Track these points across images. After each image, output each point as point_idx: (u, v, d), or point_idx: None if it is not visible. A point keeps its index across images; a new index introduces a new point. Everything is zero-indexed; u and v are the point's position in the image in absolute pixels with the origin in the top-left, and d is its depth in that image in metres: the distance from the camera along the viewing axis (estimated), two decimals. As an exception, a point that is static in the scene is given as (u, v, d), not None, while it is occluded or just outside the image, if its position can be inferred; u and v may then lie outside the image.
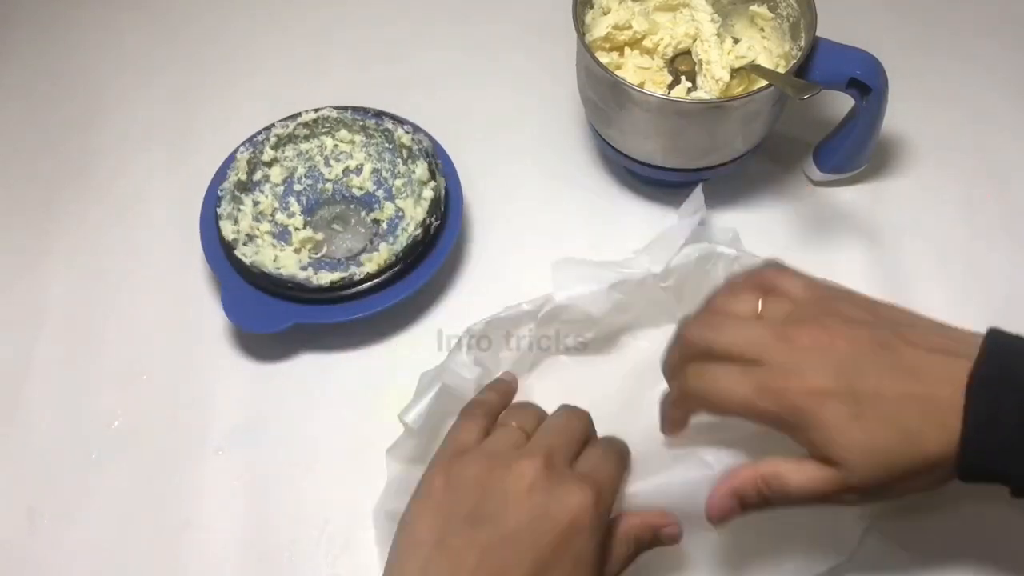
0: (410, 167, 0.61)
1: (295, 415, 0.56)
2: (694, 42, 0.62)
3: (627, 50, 0.62)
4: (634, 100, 0.56)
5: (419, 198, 0.59)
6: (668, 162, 0.59)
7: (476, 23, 0.75)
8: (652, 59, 0.62)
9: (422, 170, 0.60)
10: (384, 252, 0.57)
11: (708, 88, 0.60)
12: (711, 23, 0.61)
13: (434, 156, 0.61)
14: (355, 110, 0.63)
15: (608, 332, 0.55)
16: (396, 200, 0.62)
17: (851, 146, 0.60)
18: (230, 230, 0.58)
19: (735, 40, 0.62)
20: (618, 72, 0.60)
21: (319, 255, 0.61)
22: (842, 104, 0.60)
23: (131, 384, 0.58)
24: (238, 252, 0.57)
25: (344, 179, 0.63)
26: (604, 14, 0.61)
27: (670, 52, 0.62)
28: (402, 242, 0.58)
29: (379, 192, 0.63)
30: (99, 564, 0.51)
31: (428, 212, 0.58)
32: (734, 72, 0.60)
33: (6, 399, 0.57)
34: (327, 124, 0.63)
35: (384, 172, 0.63)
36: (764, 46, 0.61)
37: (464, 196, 0.61)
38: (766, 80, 0.55)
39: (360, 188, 0.63)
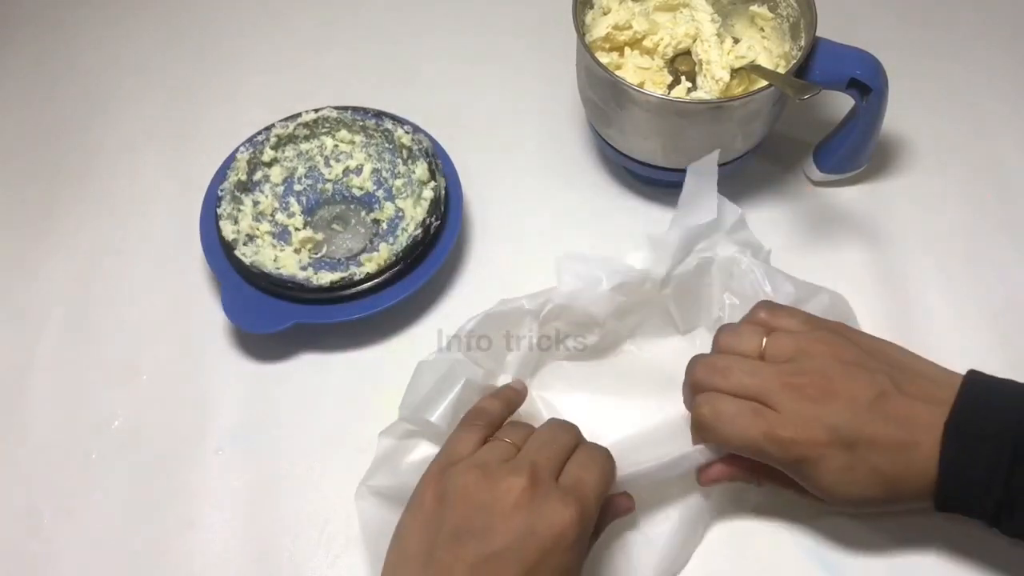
0: (410, 167, 0.61)
1: (295, 415, 0.56)
2: (694, 42, 0.62)
3: (627, 50, 0.62)
4: (634, 100, 0.56)
5: (419, 198, 0.59)
6: (668, 162, 0.59)
7: (476, 23, 0.75)
8: (652, 59, 0.62)
9: (422, 170, 0.60)
10: (384, 252, 0.57)
11: (708, 88, 0.60)
12: (711, 23, 0.61)
13: (434, 156, 0.61)
14: (355, 110, 0.63)
15: (609, 337, 0.55)
16: (396, 200, 0.62)
17: (851, 146, 0.60)
18: (230, 230, 0.58)
19: (735, 40, 0.62)
20: (618, 72, 0.60)
21: (319, 255, 0.61)
22: (842, 104, 0.60)
23: (131, 384, 0.58)
24: (238, 252, 0.57)
25: (344, 179, 0.63)
26: (604, 14, 0.61)
27: (670, 52, 0.62)
28: (402, 242, 0.58)
29: (379, 192, 0.63)
30: (99, 564, 0.51)
31: (428, 212, 0.58)
32: (734, 72, 0.60)
33: (6, 399, 0.57)
34: (327, 124, 0.63)
35: (384, 172, 0.63)
36: (764, 46, 0.61)
37: (464, 196, 0.61)
38: (766, 80, 0.55)
39: (360, 188, 0.63)
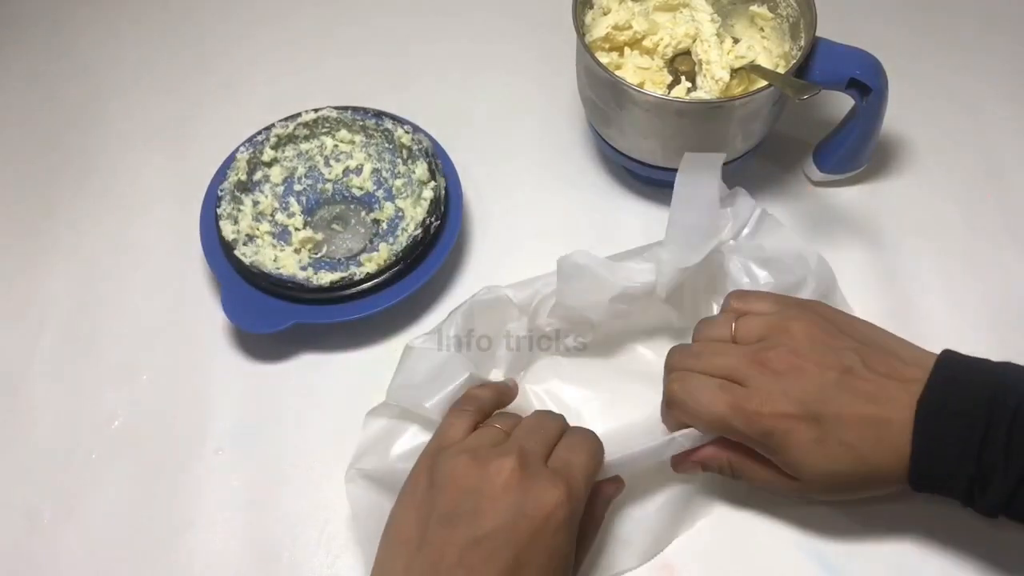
0: (410, 167, 0.61)
1: (295, 415, 0.56)
2: (694, 42, 0.62)
3: (627, 50, 0.62)
4: (634, 100, 0.56)
5: (419, 198, 0.59)
6: (668, 162, 0.59)
7: (476, 24, 0.75)
8: (652, 59, 0.62)
9: (422, 170, 0.60)
10: (384, 252, 0.57)
11: (708, 88, 0.60)
12: (711, 23, 0.61)
13: (434, 156, 0.61)
14: (355, 110, 0.63)
15: (605, 335, 0.55)
16: (396, 200, 0.62)
17: (851, 146, 0.60)
18: (230, 230, 0.58)
19: (735, 40, 0.62)
20: (618, 72, 0.60)
21: (319, 255, 0.61)
22: (842, 104, 0.60)
23: (131, 384, 0.58)
24: (238, 252, 0.57)
25: (344, 179, 0.63)
26: (604, 14, 0.61)
27: (670, 52, 0.62)
28: (402, 242, 0.58)
29: (379, 192, 0.63)
30: (99, 564, 0.51)
31: (428, 212, 0.58)
32: (734, 72, 0.59)
33: (6, 399, 0.57)
34: (327, 124, 0.63)
35: (384, 172, 0.63)
36: (764, 46, 0.61)
37: (464, 196, 0.61)
38: (765, 80, 0.55)
39: (360, 188, 0.63)
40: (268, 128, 0.62)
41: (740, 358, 0.45)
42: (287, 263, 0.58)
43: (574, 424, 0.47)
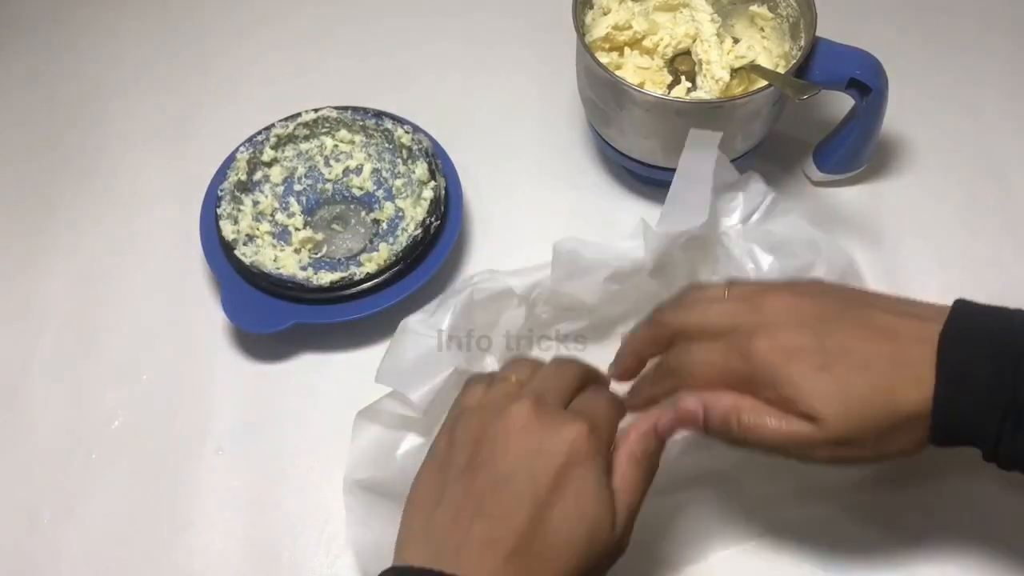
0: (410, 167, 0.61)
1: (295, 415, 0.56)
2: (694, 42, 0.62)
3: (627, 50, 0.62)
4: (634, 100, 0.56)
5: (419, 198, 0.59)
6: (668, 162, 0.59)
7: (476, 23, 0.75)
8: (652, 59, 0.62)
9: (422, 170, 0.60)
10: (384, 252, 0.57)
11: (708, 88, 0.60)
12: (711, 23, 0.61)
13: (434, 156, 0.61)
14: (355, 110, 0.63)
15: (600, 322, 0.55)
16: (396, 200, 0.62)
17: (851, 146, 0.60)
18: (230, 230, 0.58)
19: (735, 40, 0.62)
20: (618, 72, 0.60)
21: (319, 255, 0.61)
22: (842, 104, 0.60)
23: (131, 384, 0.58)
24: (238, 252, 0.57)
25: (344, 179, 0.63)
26: (604, 14, 0.61)
27: (670, 52, 0.62)
28: (402, 242, 0.58)
29: (379, 192, 0.63)
30: (99, 564, 0.51)
31: (428, 212, 0.58)
32: (734, 72, 0.60)
33: (6, 399, 0.57)
34: (327, 124, 0.63)
35: (384, 172, 0.63)
36: (764, 46, 0.61)
37: (464, 196, 0.61)
38: (765, 80, 0.55)
39: (360, 188, 0.63)
40: (268, 128, 0.62)
41: (734, 304, 0.42)
42: (287, 263, 0.58)
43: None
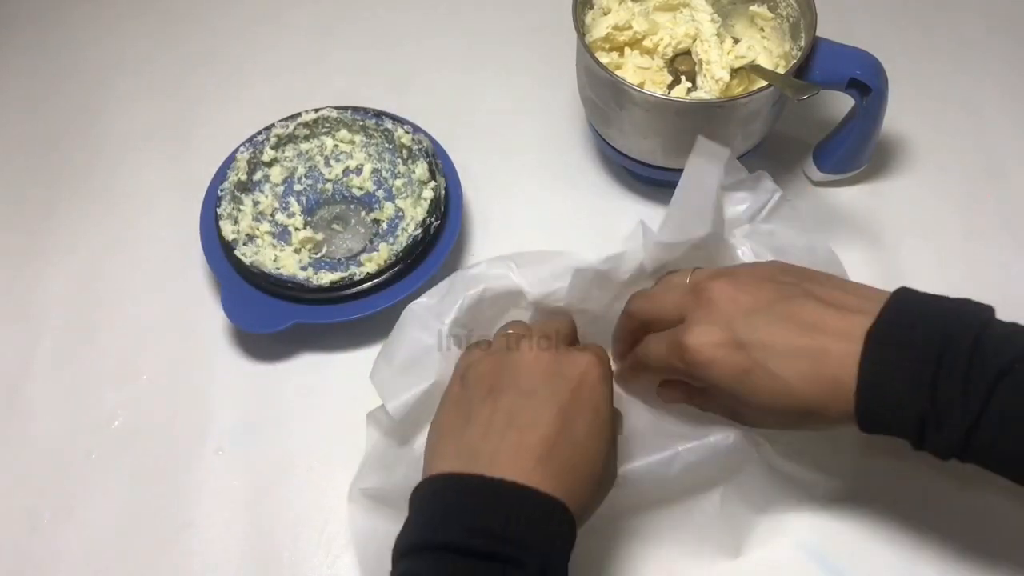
0: (410, 167, 0.61)
1: (295, 415, 0.56)
2: (694, 42, 0.62)
3: (627, 50, 0.62)
4: (634, 100, 0.56)
5: (419, 198, 0.59)
6: (668, 162, 0.59)
7: (476, 24, 0.75)
8: (652, 59, 0.62)
9: (422, 170, 0.60)
10: (384, 252, 0.57)
11: (708, 88, 0.60)
12: (711, 23, 0.61)
13: (434, 156, 0.61)
14: (355, 110, 0.63)
15: (606, 324, 0.55)
16: (396, 200, 0.62)
17: (851, 146, 0.60)
18: (230, 230, 0.58)
19: (735, 40, 0.62)
20: (618, 72, 0.60)
21: (319, 255, 0.61)
22: (842, 104, 0.60)
23: (131, 384, 0.58)
24: (238, 252, 0.57)
25: (344, 179, 0.63)
26: (604, 14, 0.61)
27: (670, 52, 0.62)
28: (402, 242, 0.58)
29: (379, 192, 0.63)
30: (99, 564, 0.51)
31: (428, 212, 0.58)
32: (734, 72, 0.60)
33: (6, 399, 0.57)
34: (327, 124, 0.63)
35: (384, 172, 0.63)
36: (764, 46, 0.61)
37: (464, 196, 0.61)
38: (765, 80, 0.55)
39: (360, 188, 0.63)
40: (268, 128, 0.62)
41: (684, 293, 0.44)
42: (287, 263, 0.58)
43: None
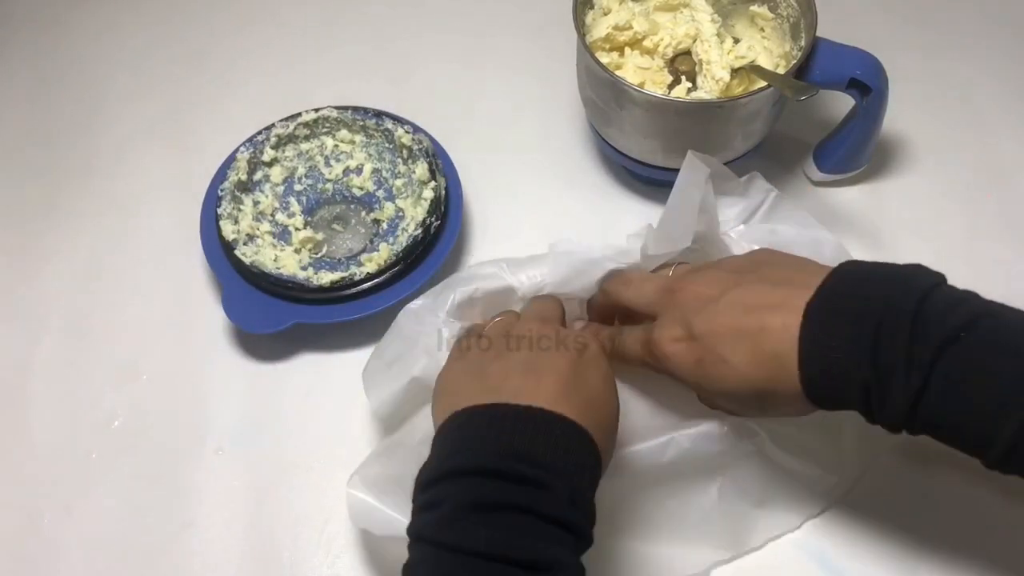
0: (410, 167, 0.61)
1: (295, 415, 0.56)
2: (694, 42, 0.62)
3: (627, 50, 0.62)
4: (634, 100, 0.56)
5: (419, 198, 0.59)
6: (668, 162, 0.59)
7: (477, 24, 0.75)
8: (652, 59, 0.62)
9: (422, 170, 0.60)
10: (384, 252, 0.57)
11: (708, 88, 0.60)
12: (711, 23, 0.61)
13: (434, 156, 0.61)
14: (355, 110, 0.63)
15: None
16: (396, 200, 0.62)
17: (851, 146, 0.60)
18: (230, 230, 0.58)
19: (735, 40, 0.62)
20: (618, 72, 0.60)
21: (319, 255, 0.61)
22: (842, 104, 0.60)
23: (131, 384, 0.58)
24: (238, 252, 0.57)
25: (344, 179, 0.63)
26: (604, 15, 0.61)
27: (670, 52, 0.62)
28: (402, 242, 0.58)
29: (379, 192, 0.63)
30: (99, 564, 0.51)
31: (428, 212, 0.58)
32: (734, 72, 0.60)
33: (6, 399, 0.57)
34: (327, 124, 0.63)
35: (384, 172, 0.63)
36: (764, 46, 0.61)
37: (464, 196, 0.61)
38: (764, 80, 0.55)
39: (360, 188, 0.63)
40: (268, 128, 0.62)
41: (660, 290, 0.46)
42: (287, 263, 0.58)
43: None
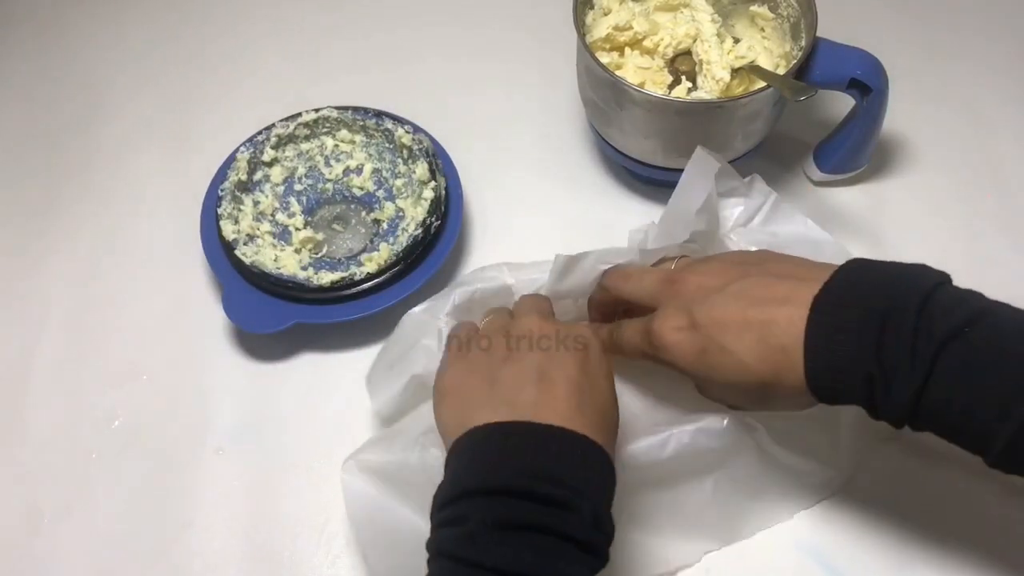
0: (410, 167, 0.61)
1: (295, 415, 0.56)
2: (694, 42, 0.62)
3: (627, 50, 0.62)
4: (634, 100, 0.56)
5: (419, 198, 0.59)
6: (668, 162, 0.59)
7: (477, 23, 0.75)
8: (652, 59, 0.62)
9: (422, 170, 0.60)
10: (384, 252, 0.57)
11: (708, 88, 0.60)
12: (711, 23, 0.61)
13: (434, 156, 0.61)
14: (355, 110, 0.63)
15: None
16: (396, 200, 0.62)
17: (851, 146, 0.60)
18: (230, 230, 0.58)
19: (735, 40, 0.62)
20: (618, 72, 0.60)
21: (319, 255, 0.61)
22: (842, 104, 0.60)
23: (131, 384, 0.58)
24: (238, 252, 0.57)
25: (344, 179, 0.63)
26: (605, 15, 0.61)
27: (670, 52, 0.62)
28: (402, 242, 0.58)
29: (379, 192, 0.63)
30: (99, 564, 0.51)
31: (428, 212, 0.58)
32: (734, 72, 0.60)
33: (6, 399, 0.57)
34: (327, 124, 0.63)
35: (384, 172, 0.63)
36: (764, 46, 0.61)
37: (464, 196, 0.61)
38: (764, 81, 0.55)
39: (360, 188, 0.63)
40: (268, 128, 0.62)
41: (661, 282, 0.45)
42: (287, 263, 0.58)
43: None
